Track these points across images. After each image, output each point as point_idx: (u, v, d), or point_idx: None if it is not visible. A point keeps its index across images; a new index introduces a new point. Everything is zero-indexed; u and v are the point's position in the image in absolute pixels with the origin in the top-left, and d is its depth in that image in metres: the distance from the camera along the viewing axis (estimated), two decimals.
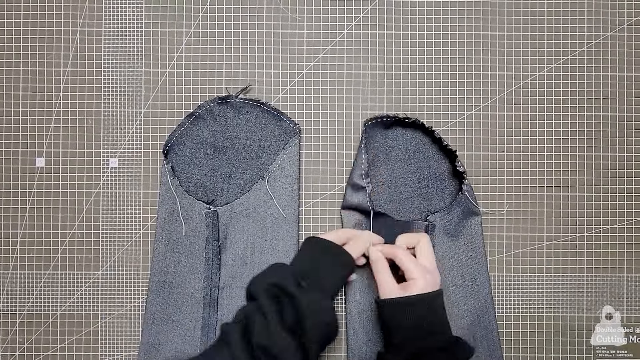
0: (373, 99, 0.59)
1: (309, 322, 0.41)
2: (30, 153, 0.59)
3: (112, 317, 0.58)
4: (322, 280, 0.45)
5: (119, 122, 0.59)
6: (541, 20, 0.60)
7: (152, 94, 0.59)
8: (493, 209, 0.59)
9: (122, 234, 0.58)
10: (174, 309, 0.56)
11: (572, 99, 0.60)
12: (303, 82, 0.59)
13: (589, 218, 0.59)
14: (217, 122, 0.58)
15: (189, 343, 0.55)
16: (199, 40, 0.59)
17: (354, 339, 0.55)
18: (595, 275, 0.59)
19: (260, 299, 0.42)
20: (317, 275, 0.45)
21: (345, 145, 0.59)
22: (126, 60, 0.59)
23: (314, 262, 0.47)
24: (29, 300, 0.58)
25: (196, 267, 0.56)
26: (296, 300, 0.42)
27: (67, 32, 0.59)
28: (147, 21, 0.59)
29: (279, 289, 0.42)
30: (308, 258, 0.48)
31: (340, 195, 0.59)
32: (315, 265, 0.46)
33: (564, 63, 0.60)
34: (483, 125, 0.59)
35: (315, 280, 0.45)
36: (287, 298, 0.42)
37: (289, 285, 0.42)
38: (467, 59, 0.59)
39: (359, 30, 0.60)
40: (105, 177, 0.59)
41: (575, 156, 0.59)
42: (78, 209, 0.58)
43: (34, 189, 0.59)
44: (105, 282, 0.58)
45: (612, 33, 0.60)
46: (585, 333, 0.58)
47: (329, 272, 0.46)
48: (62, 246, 0.58)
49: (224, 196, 0.58)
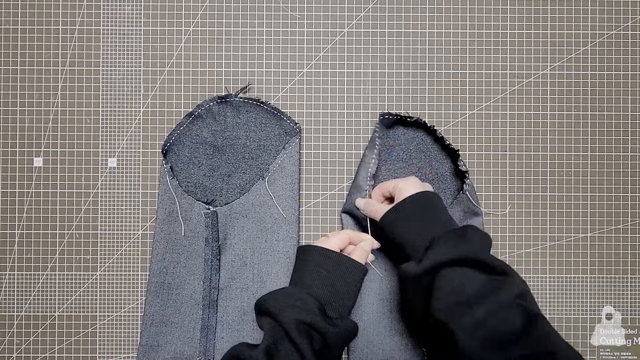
0: (374, 98, 0.59)
1: (338, 350, 0.44)
2: (28, 152, 0.58)
3: (111, 318, 0.57)
4: (344, 301, 0.46)
5: (117, 122, 0.58)
6: (544, 18, 0.59)
7: (151, 93, 0.59)
8: (495, 209, 0.58)
9: (121, 234, 0.58)
10: (173, 311, 0.56)
11: (576, 98, 0.59)
12: (303, 81, 0.59)
13: (593, 218, 0.59)
14: (217, 122, 0.58)
15: (188, 345, 0.55)
16: (199, 39, 0.59)
17: (355, 342, 0.55)
18: (599, 277, 0.58)
19: (291, 334, 0.42)
20: (339, 298, 0.46)
21: (346, 145, 0.59)
22: (125, 58, 0.59)
23: (331, 283, 0.46)
24: (27, 302, 0.57)
25: (195, 268, 0.56)
26: (327, 334, 0.43)
27: (65, 30, 0.59)
28: (146, 19, 0.59)
29: (309, 326, 0.43)
30: (323, 279, 0.46)
31: (340, 196, 0.58)
32: (334, 288, 0.46)
33: (567, 62, 0.59)
34: (485, 124, 0.59)
35: (338, 305, 0.46)
36: (317, 334, 0.43)
37: (319, 322, 0.43)
38: (470, 57, 0.59)
39: (361, 28, 0.59)
40: (103, 177, 0.58)
41: (578, 156, 0.59)
42: (76, 209, 0.58)
43: (31, 189, 0.58)
44: (104, 283, 0.58)
45: (616, 31, 0.59)
46: (589, 335, 0.58)
47: (347, 289, 0.46)
48: (59, 247, 0.58)
49: (223, 196, 0.58)
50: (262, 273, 0.56)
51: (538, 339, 0.37)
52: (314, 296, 0.45)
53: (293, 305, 0.43)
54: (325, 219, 0.58)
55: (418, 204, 0.47)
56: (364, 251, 0.49)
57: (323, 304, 0.45)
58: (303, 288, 0.46)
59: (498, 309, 0.39)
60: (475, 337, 0.39)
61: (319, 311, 0.44)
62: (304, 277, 0.47)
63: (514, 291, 0.40)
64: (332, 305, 0.45)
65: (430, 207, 0.47)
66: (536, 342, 0.37)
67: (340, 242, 0.49)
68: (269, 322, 0.44)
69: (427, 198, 0.48)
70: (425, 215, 0.47)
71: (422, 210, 0.47)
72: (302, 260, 0.48)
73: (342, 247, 0.50)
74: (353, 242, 0.51)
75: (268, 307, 0.44)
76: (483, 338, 0.38)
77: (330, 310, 0.45)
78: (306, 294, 0.45)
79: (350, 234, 0.50)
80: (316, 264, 0.47)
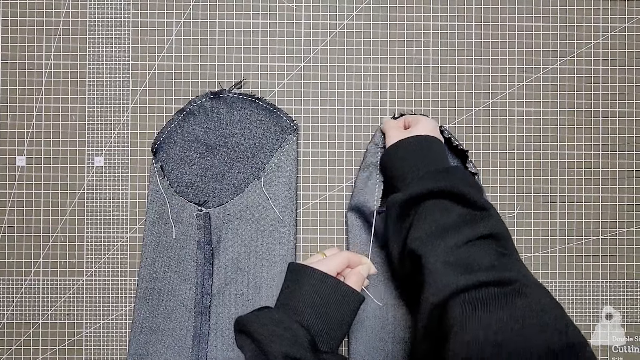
0: (375, 94, 0.58)
1: None
2: (10, 151, 0.57)
3: (98, 326, 0.56)
4: (336, 332, 0.44)
5: (104, 119, 0.58)
6: (554, 10, 0.58)
7: (140, 89, 0.58)
8: (502, 210, 0.57)
9: (108, 237, 0.57)
10: (163, 318, 0.55)
11: (587, 94, 0.58)
12: (301, 76, 0.58)
13: (605, 220, 0.57)
14: (210, 119, 0.57)
15: (179, 354, 0.54)
16: (190, 31, 0.58)
17: (356, 348, 0.54)
18: (612, 281, 0.57)
19: None
20: (331, 328, 0.44)
21: (346, 143, 0.58)
22: (112, 52, 0.58)
23: (325, 312, 0.44)
24: (9, 309, 0.56)
25: (187, 272, 0.55)
26: None
27: (50, 23, 0.57)
28: (135, 10, 0.58)
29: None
30: (317, 307, 0.44)
31: (340, 197, 0.57)
32: (327, 317, 0.44)
33: (577, 56, 0.58)
34: (492, 121, 0.58)
35: (329, 338, 0.44)
36: None
37: (308, 358, 0.40)
38: (476, 50, 0.58)
39: (360, 20, 0.58)
40: (90, 176, 0.57)
41: (589, 155, 0.58)
42: (61, 210, 0.57)
43: (14, 190, 0.57)
44: (90, 289, 0.57)
45: (629, 24, 0.58)
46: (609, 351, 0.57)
47: (341, 319, 0.45)
48: (44, 250, 0.57)
49: (216, 197, 0.57)
50: (257, 278, 0.55)
51: (504, 268, 0.39)
52: (305, 326, 0.42)
53: (282, 336, 0.41)
54: (325, 220, 0.57)
55: (418, 145, 0.50)
56: (361, 276, 0.47)
57: (314, 335, 0.43)
58: (293, 315, 0.43)
59: (471, 241, 0.41)
60: (443, 261, 0.40)
61: (310, 345, 0.41)
62: (294, 301, 0.44)
63: (490, 228, 0.42)
64: (322, 338, 0.43)
65: (428, 150, 0.49)
66: (502, 271, 0.38)
67: (339, 265, 0.46)
68: (252, 349, 0.41)
69: (428, 142, 0.50)
70: (421, 155, 0.49)
71: (420, 150, 0.49)
72: (295, 281, 0.45)
73: (340, 271, 0.47)
74: (351, 265, 0.48)
75: (252, 331, 0.41)
76: (451, 262, 0.40)
77: (321, 343, 0.43)
78: (296, 323, 0.42)
79: (349, 257, 0.48)
80: (310, 289, 0.44)
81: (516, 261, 0.41)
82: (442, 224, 0.43)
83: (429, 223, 0.43)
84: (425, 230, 0.43)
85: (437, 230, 0.43)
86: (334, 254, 0.48)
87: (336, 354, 0.43)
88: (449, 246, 0.41)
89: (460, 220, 0.43)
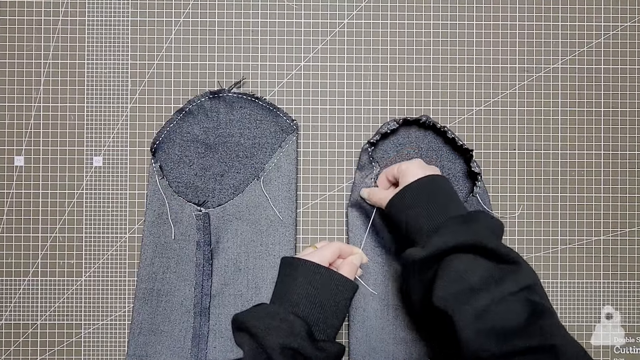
0: (376, 93, 0.57)
1: None
2: (9, 151, 0.57)
3: (97, 327, 0.56)
4: (332, 321, 0.44)
5: (103, 118, 0.57)
6: (555, 9, 0.58)
7: (139, 88, 0.57)
8: (504, 210, 0.57)
9: (107, 237, 0.57)
10: (162, 318, 0.55)
11: (589, 94, 0.57)
12: (301, 75, 0.57)
13: (606, 220, 0.57)
14: (209, 118, 0.57)
15: (178, 355, 0.54)
16: (189, 30, 0.57)
17: (356, 348, 0.54)
18: (612, 282, 0.57)
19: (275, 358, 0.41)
20: (327, 318, 0.44)
21: (346, 143, 0.57)
22: (111, 52, 0.57)
23: (319, 302, 0.44)
24: (7, 309, 0.56)
25: (186, 273, 0.55)
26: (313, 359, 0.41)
27: (48, 22, 0.57)
28: (134, 10, 0.57)
29: (295, 352, 0.41)
30: (311, 297, 0.44)
31: (340, 197, 0.57)
32: (322, 307, 0.44)
33: (579, 55, 0.58)
34: (493, 121, 0.57)
35: (326, 326, 0.44)
36: (303, 358, 0.41)
37: (305, 347, 0.41)
38: (477, 50, 0.57)
39: (361, 19, 0.58)
40: (88, 176, 0.57)
41: (590, 154, 0.57)
42: (60, 211, 0.57)
43: (12, 190, 0.57)
44: (89, 289, 0.56)
45: (631, 23, 0.58)
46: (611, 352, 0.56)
47: (336, 309, 0.44)
48: (42, 251, 0.57)
49: (216, 197, 0.56)
50: (257, 279, 0.55)
51: (541, 332, 0.36)
52: (300, 317, 0.43)
53: (278, 327, 0.41)
54: (324, 221, 0.57)
55: (424, 188, 0.46)
56: (354, 265, 0.47)
57: (310, 325, 0.43)
58: (289, 306, 0.43)
59: (501, 300, 0.38)
60: (475, 327, 0.38)
61: (306, 335, 0.41)
62: (289, 294, 0.44)
63: (520, 282, 0.39)
64: (319, 327, 0.43)
65: (437, 192, 0.46)
66: (538, 335, 0.36)
67: (331, 255, 0.46)
68: (251, 344, 0.41)
69: (434, 182, 0.47)
70: (432, 199, 0.46)
71: (428, 194, 0.46)
72: (288, 275, 0.45)
73: (332, 261, 0.47)
74: (342, 256, 0.48)
75: (249, 326, 0.42)
76: (483, 328, 0.38)
77: (318, 332, 0.43)
78: (292, 314, 0.42)
79: (340, 247, 0.48)
80: (304, 280, 0.44)
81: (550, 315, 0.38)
82: (470, 284, 0.40)
83: (455, 282, 0.40)
84: (451, 290, 0.40)
85: (464, 291, 0.40)
86: (325, 244, 0.48)
87: (334, 342, 0.44)
88: (478, 310, 0.38)
89: (488, 276, 0.40)
